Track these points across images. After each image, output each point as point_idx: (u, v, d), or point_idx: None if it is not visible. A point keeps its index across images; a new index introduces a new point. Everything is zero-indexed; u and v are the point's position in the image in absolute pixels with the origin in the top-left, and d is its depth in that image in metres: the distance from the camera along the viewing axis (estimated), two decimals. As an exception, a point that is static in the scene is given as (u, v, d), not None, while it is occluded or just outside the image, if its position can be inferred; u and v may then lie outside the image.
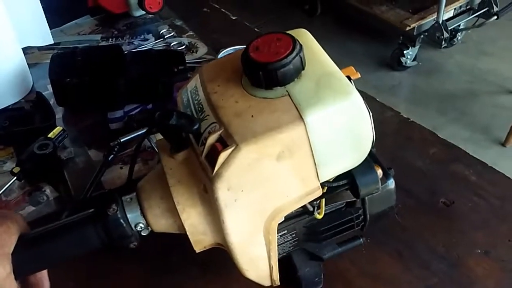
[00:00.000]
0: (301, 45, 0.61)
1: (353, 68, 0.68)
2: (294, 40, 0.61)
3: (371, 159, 0.66)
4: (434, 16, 2.75)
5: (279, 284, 0.71)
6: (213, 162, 0.59)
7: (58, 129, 1.06)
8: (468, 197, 0.95)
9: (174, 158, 0.65)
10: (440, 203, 0.94)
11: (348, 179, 0.65)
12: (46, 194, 0.99)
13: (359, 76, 0.68)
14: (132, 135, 1.06)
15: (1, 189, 0.99)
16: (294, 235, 0.73)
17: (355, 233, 0.77)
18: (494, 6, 2.86)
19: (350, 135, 0.60)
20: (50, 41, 1.37)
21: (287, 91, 0.61)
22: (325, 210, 0.71)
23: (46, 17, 1.36)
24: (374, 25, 2.98)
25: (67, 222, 0.67)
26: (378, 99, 1.17)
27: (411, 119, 1.15)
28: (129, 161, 1.04)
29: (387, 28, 2.88)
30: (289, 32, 0.65)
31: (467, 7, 2.94)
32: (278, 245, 0.73)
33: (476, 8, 2.93)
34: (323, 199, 0.69)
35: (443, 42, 2.83)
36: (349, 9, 2.97)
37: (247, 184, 0.59)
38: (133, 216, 0.66)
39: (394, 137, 1.11)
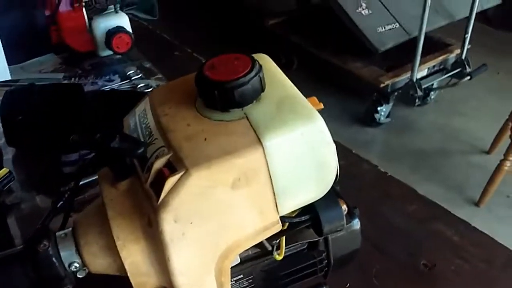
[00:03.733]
0: (260, 66, 0.55)
1: (315, 98, 0.63)
2: (253, 60, 0.55)
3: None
4: (408, 74, 2.76)
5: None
6: (159, 190, 0.52)
7: (4, 171, 0.99)
8: (451, 259, 0.89)
9: (116, 188, 0.58)
10: (421, 266, 0.88)
11: (311, 214, 0.58)
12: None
13: (322, 106, 0.62)
14: (87, 180, 0.97)
15: None
16: (251, 280, 0.66)
17: (317, 280, 0.70)
18: (467, 67, 2.89)
19: (312, 163, 0.54)
20: (7, 76, 1.31)
21: (245, 113, 0.55)
22: (285, 252, 0.64)
23: (7, 52, 1.31)
24: (349, 81, 2.98)
25: None
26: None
27: (389, 174, 1.10)
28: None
29: (362, 85, 2.88)
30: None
31: (441, 67, 2.97)
32: (233, 292, 0.66)
33: (450, 68, 2.95)
34: (283, 238, 0.62)
35: (417, 100, 2.83)
36: (325, 64, 2.97)
37: (198, 215, 0.52)
38: (66, 254, 0.58)
39: (371, 192, 1.05)
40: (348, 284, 0.84)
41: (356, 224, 0.67)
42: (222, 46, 2.70)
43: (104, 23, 1.39)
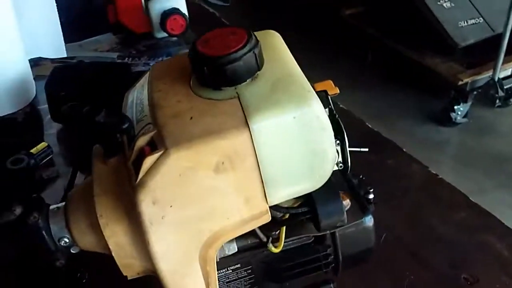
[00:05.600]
0: (257, 41, 0.51)
1: (331, 82, 0.58)
2: (249, 35, 0.51)
3: (342, 187, 0.56)
4: (490, 72, 2.61)
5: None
6: (138, 169, 0.49)
7: (42, 145, 0.99)
8: (497, 275, 0.80)
9: (106, 164, 0.56)
10: (462, 279, 0.79)
11: (309, 207, 0.54)
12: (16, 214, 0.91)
13: (338, 91, 0.57)
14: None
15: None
16: (250, 271, 0.62)
17: (325, 276, 0.65)
18: (558, 69, 2.70)
19: (306, 151, 0.50)
20: (63, 54, 1.33)
21: (237, 93, 0.51)
22: (288, 245, 0.60)
23: (65, 30, 1.33)
24: (426, 77, 2.85)
25: None
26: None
27: (440, 176, 1.01)
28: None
29: (439, 81, 2.75)
30: (257, 32, 0.56)
31: (527, 68, 2.79)
32: (230, 282, 0.62)
33: (537, 69, 2.77)
34: (283, 229, 0.57)
35: (497, 101, 2.66)
36: (401, 59, 2.86)
37: (178, 198, 0.49)
38: (56, 229, 0.56)
39: (418, 195, 0.98)
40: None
41: (369, 221, 0.62)
42: (295, 34, 2.66)
43: (160, 4, 1.37)
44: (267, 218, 0.52)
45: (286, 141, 0.49)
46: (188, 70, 0.55)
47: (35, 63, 1.27)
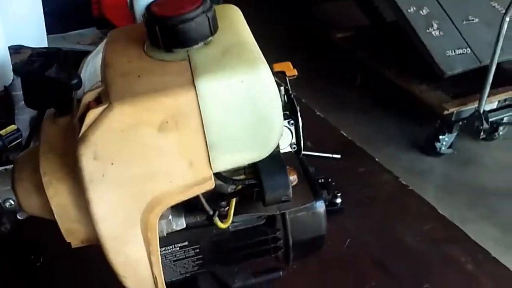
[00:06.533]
0: (211, 6, 0.51)
1: (290, 64, 0.58)
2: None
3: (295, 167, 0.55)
4: (476, 104, 2.62)
5: (171, 307, 0.58)
6: (82, 123, 0.48)
7: (12, 127, 0.98)
8: None
9: (55, 123, 0.55)
10: None
11: (255, 179, 0.53)
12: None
13: (296, 73, 0.57)
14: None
15: None
16: (198, 250, 0.61)
17: (278, 264, 0.64)
18: (544, 104, 2.71)
19: (252, 117, 0.49)
20: (45, 44, 1.33)
21: (188, 55, 0.50)
22: (238, 225, 0.59)
23: (49, 21, 1.34)
24: (413, 104, 2.87)
25: None
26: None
27: (410, 187, 1.01)
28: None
29: (425, 110, 2.76)
30: (217, 6, 0.56)
31: (513, 102, 2.80)
32: (177, 261, 0.61)
33: (523, 104, 2.78)
34: (232, 205, 0.57)
35: (482, 133, 2.67)
36: (388, 84, 2.87)
37: (120, 155, 0.48)
38: (2, 190, 0.56)
39: (386, 204, 0.98)
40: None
41: (320, 206, 0.61)
42: (284, 51, 2.68)
43: (144, 0, 1.38)
44: (210, 185, 0.51)
45: (232, 105, 0.48)
46: (144, 36, 0.55)
47: (15, 50, 1.26)
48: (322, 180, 0.86)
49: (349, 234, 0.88)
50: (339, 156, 1.07)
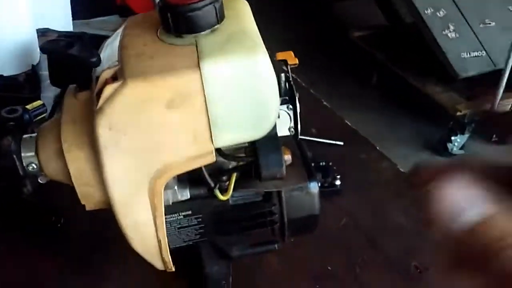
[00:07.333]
0: (220, -2, 0.57)
1: (292, 53, 0.64)
2: (215, -9, 0.57)
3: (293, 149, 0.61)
4: (489, 106, 2.64)
5: (173, 270, 0.64)
6: (100, 97, 0.55)
7: (38, 103, 1.04)
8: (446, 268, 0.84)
9: (76, 97, 0.62)
10: (412, 267, 0.84)
11: (253, 157, 0.59)
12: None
13: (297, 62, 0.62)
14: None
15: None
16: (200, 219, 0.67)
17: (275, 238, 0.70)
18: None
19: (250, 99, 0.55)
20: (70, 28, 1.40)
21: (196, 40, 0.56)
22: (238, 200, 0.65)
23: (75, 8, 1.40)
24: (426, 105, 2.89)
25: None
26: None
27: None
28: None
29: (439, 110, 2.78)
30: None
31: (528, 106, 2.82)
32: (181, 228, 0.67)
33: (538, 109, 2.80)
34: (233, 179, 0.63)
35: (494, 136, 2.69)
36: (403, 84, 2.90)
37: (132, 127, 0.55)
38: (26, 154, 0.62)
39: (384, 189, 1.02)
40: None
41: (314, 187, 0.67)
42: (303, 49, 2.72)
43: (165, -12, 1.45)
44: (211, 158, 0.57)
45: (232, 86, 0.54)
46: (158, 22, 0.61)
47: (42, 33, 1.33)
48: (323, 163, 0.92)
49: (346, 214, 0.93)
50: (342, 143, 1.11)
